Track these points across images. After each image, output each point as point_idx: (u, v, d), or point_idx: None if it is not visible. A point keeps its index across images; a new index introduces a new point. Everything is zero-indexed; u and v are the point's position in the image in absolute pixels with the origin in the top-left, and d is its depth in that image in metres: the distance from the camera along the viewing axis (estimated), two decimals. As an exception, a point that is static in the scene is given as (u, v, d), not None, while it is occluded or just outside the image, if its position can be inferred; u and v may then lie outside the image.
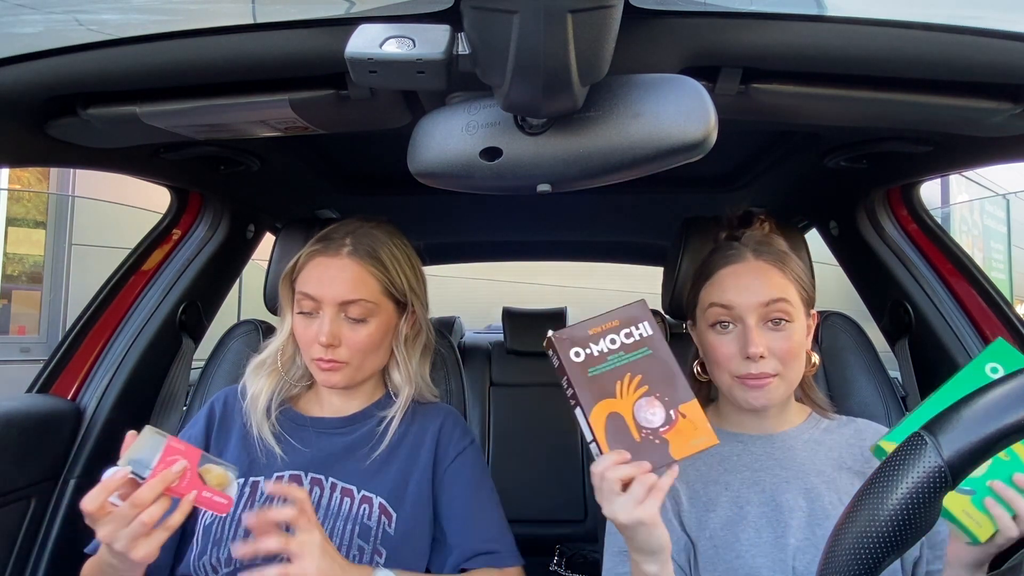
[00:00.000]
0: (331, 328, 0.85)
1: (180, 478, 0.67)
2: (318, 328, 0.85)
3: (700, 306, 0.89)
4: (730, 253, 0.88)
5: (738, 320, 0.83)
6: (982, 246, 7.01)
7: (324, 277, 0.86)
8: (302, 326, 0.88)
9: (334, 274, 0.86)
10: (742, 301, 0.83)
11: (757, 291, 0.83)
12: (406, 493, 0.89)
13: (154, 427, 0.71)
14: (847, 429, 0.90)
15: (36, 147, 0.85)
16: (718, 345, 0.85)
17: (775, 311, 0.82)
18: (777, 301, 0.82)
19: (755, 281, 0.83)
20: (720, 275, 0.87)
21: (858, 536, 0.45)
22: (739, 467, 0.86)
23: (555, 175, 0.61)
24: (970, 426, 0.44)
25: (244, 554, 0.70)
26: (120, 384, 1.25)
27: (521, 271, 6.03)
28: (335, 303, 0.86)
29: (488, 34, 0.49)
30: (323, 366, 0.86)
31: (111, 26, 0.64)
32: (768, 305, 0.82)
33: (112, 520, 0.65)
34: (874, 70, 0.67)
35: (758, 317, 0.82)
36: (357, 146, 1.29)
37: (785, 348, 0.82)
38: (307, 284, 0.87)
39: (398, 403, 0.93)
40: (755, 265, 0.85)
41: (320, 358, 0.86)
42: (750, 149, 1.31)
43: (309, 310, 0.87)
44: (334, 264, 0.87)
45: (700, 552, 0.81)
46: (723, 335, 0.84)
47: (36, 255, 4.72)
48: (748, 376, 0.82)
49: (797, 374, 0.85)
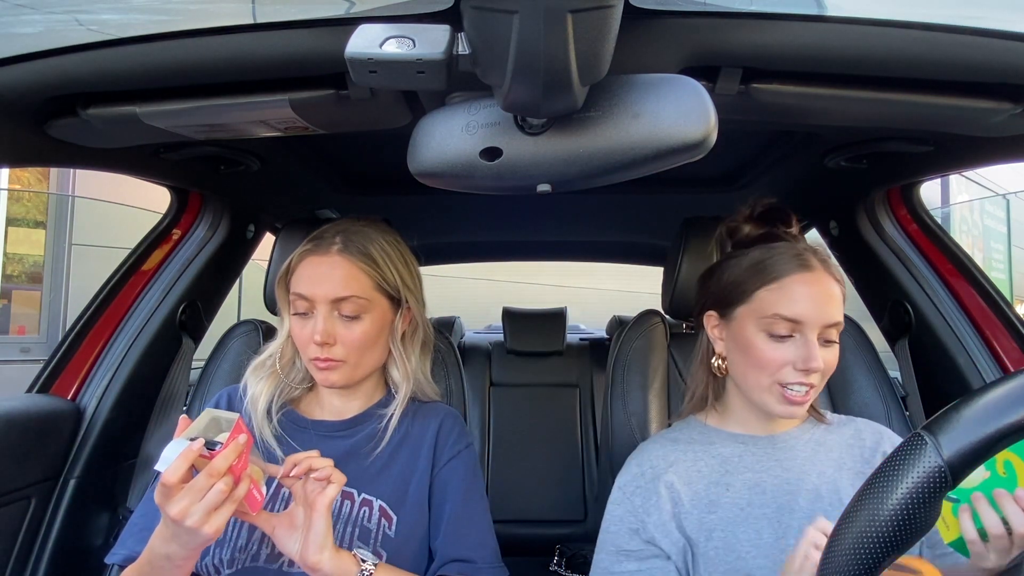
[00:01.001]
0: (325, 326, 0.85)
1: (240, 456, 0.68)
2: (312, 327, 0.86)
3: (754, 306, 0.83)
4: (802, 258, 0.82)
5: (799, 332, 0.80)
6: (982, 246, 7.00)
7: (315, 276, 0.87)
8: (298, 327, 0.88)
9: (324, 272, 0.87)
10: (811, 316, 0.79)
11: (827, 309, 0.79)
12: (407, 496, 0.89)
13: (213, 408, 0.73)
14: (847, 429, 0.90)
15: (36, 147, 0.85)
16: (769, 350, 0.81)
17: (833, 332, 0.80)
18: (837, 324, 0.80)
19: (825, 295, 0.80)
20: (789, 282, 0.81)
21: (858, 536, 0.45)
22: (740, 468, 0.86)
23: (555, 175, 0.61)
24: (970, 426, 0.44)
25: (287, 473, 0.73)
26: (120, 384, 1.25)
27: (521, 271, 6.04)
28: (327, 301, 0.86)
29: (488, 34, 0.49)
30: (320, 365, 0.87)
31: (111, 26, 0.64)
32: (831, 327, 0.80)
33: (187, 494, 0.65)
34: (874, 70, 0.67)
35: (816, 334, 0.80)
36: (357, 146, 1.29)
37: (832, 363, 0.81)
38: (299, 284, 0.88)
39: (397, 399, 0.94)
40: (824, 278, 0.81)
41: (317, 357, 0.86)
42: (750, 149, 1.31)
43: (304, 310, 0.88)
44: (324, 262, 0.87)
45: (700, 553, 0.81)
46: (780, 343, 0.81)
47: (36, 255, 4.72)
48: (793, 385, 0.80)
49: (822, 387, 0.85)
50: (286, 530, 0.75)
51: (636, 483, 0.87)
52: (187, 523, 0.65)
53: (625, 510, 0.86)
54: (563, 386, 2.25)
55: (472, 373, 2.19)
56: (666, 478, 0.86)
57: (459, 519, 0.89)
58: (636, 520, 0.85)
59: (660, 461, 0.88)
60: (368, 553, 0.78)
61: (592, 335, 2.56)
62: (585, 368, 2.26)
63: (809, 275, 0.81)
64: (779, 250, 0.84)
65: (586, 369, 2.26)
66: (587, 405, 2.21)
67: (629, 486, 0.87)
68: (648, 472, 0.87)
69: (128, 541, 0.83)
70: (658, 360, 1.13)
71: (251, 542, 0.83)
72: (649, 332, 1.15)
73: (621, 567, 0.83)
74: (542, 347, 2.26)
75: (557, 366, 2.27)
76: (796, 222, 0.92)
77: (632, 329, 1.16)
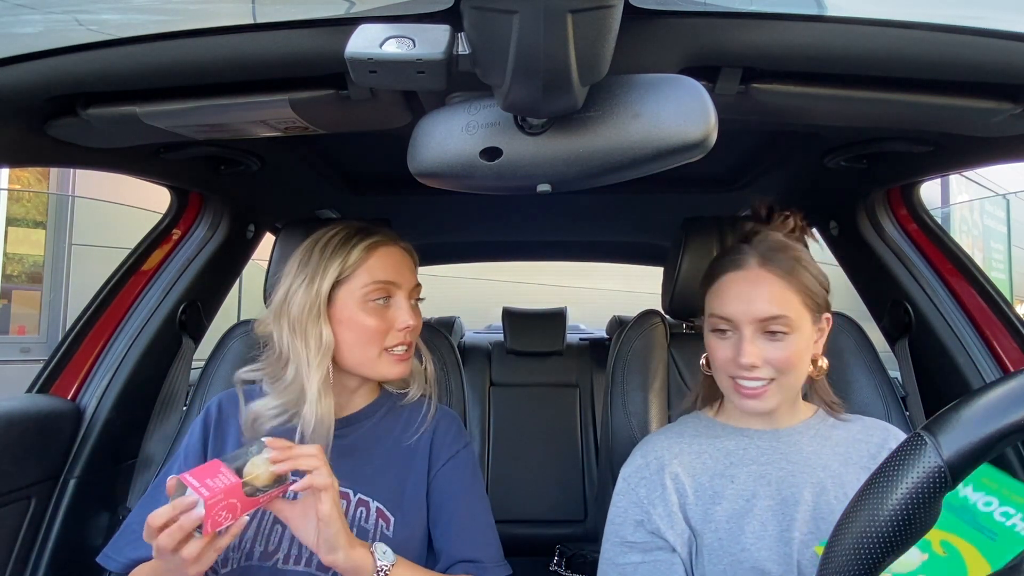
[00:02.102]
0: (411, 309, 0.92)
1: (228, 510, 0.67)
2: (398, 313, 0.90)
3: (706, 308, 0.89)
4: (736, 258, 0.86)
5: (735, 329, 0.83)
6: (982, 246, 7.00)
7: (399, 264, 0.92)
8: (377, 317, 0.89)
9: (404, 259, 0.93)
10: (739, 313, 0.82)
11: (756, 304, 0.81)
12: (403, 497, 0.88)
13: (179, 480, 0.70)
14: (855, 426, 0.90)
15: (36, 147, 0.85)
16: (716, 348, 0.86)
17: (772, 325, 0.81)
18: (775, 318, 0.81)
19: (755, 293, 0.82)
20: (722, 282, 0.86)
21: (858, 536, 0.45)
22: (745, 461, 0.86)
23: (555, 175, 0.61)
24: (970, 426, 0.44)
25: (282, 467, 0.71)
26: (120, 384, 1.25)
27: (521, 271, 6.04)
28: (409, 287, 0.92)
29: (488, 34, 0.49)
30: (400, 355, 0.90)
31: (111, 26, 0.64)
32: (764, 321, 0.81)
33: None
34: (874, 70, 0.67)
35: (754, 329, 0.82)
36: (357, 146, 1.29)
37: (782, 358, 0.82)
38: (381, 272, 0.89)
39: (397, 397, 0.95)
40: (757, 275, 0.83)
41: (399, 343, 0.89)
42: (750, 149, 1.31)
43: (386, 294, 0.91)
44: (397, 250, 0.92)
45: (705, 544, 0.81)
46: (722, 339, 0.85)
47: (36, 255, 4.72)
48: (742, 380, 0.83)
49: (797, 380, 0.85)
50: (300, 520, 0.74)
51: (641, 474, 0.88)
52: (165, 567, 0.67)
53: (630, 501, 0.87)
54: (563, 386, 2.25)
55: (472, 373, 2.19)
56: (671, 469, 0.86)
57: (463, 520, 0.89)
58: (641, 511, 0.85)
59: (665, 452, 0.88)
60: (387, 548, 0.77)
61: (592, 335, 2.56)
62: (585, 368, 2.27)
63: (740, 273, 0.84)
64: (728, 252, 0.89)
65: (586, 369, 2.26)
66: (587, 405, 2.21)
67: (634, 477, 0.88)
68: (653, 463, 0.88)
69: (125, 548, 0.82)
70: (658, 360, 1.13)
71: (244, 541, 0.83)
72: (649, 332, 1.15)
73: (626, 558, 0.84)
74: (542, 347, 2.26)
75: (557, 366, 2.27)
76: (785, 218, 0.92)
77: (632, 329, 1.16)
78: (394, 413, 0.95)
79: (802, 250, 0.88)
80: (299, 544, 0.83)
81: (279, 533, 0.84)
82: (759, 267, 0.83)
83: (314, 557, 0.82)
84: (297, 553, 0.82)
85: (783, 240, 0.87)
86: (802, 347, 0.83)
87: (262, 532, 0.83)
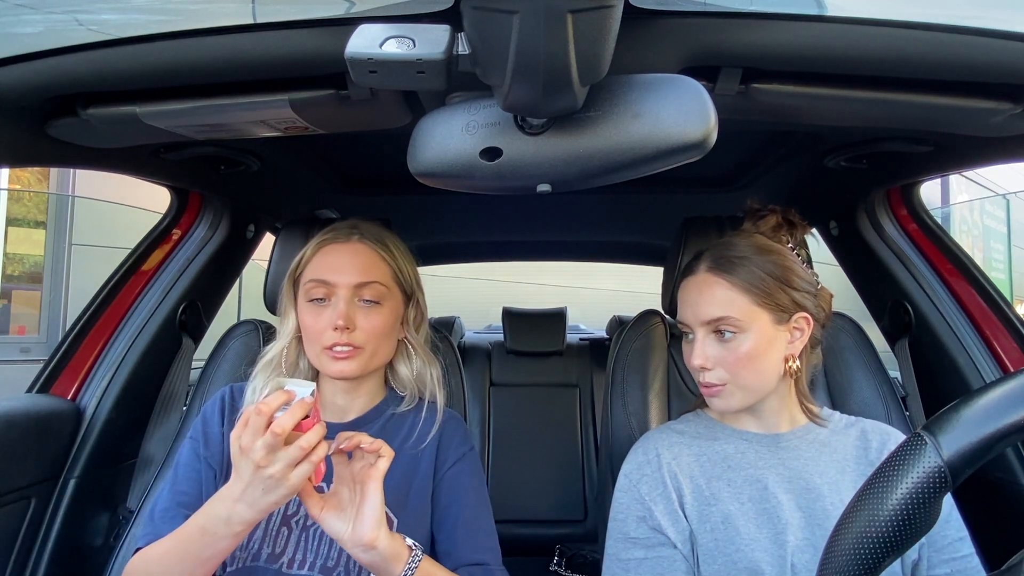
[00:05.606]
0: (347, 309, 0.86)
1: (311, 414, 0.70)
2: (332, 313, 0.86)
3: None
4: (691, 264, 0.90)
5: (692, 332, 0.87)
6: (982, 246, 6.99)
7: (337, 262, 0.88)
8: (312, 316, 0.88)
9: (347, 258, 0.89)
10: (690, 317, 0.87)
11: (701, 308, 0.85)
12: (408, 499, 0.88)
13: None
14: (853, 431, 0.90)
15: (36, 147, 0.85)
16: (685, 351, 0.90)
17: (719, 326, 0.83)
18: (720, 320, 0.83)
19: (700, 297, 0.85)
20: (680, 289, 0.91)
21: (858, 536, 0.45)
22: (742, 464, 0.87)
23: (555, 175, 0.61)
24: (970, 426, 0.44)
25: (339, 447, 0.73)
26: (120, 384, 1.25)
27: (521, 271, 6.03)
28: (349, 286, 0.87)
29: (488, 34, 0.49)
30: (337, 354, 0.86)
31: (111, 26, 0.64)
32: (710, 322, 0.84)
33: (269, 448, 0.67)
34: (874, 70, 0.67)
35: (706, 331, 0.85)
36: (357, 146, 1.29)
37: (730, 359, 0.83)
38: (319, 271, 0.89)
39: (404, 400, 0.95)
40: (703, 279, 0.86)
41: (335, 343, 0.86)
42: (750, 149, 1.31)
43: (322, 295, 0.88)
44: (347, 249, 0.90)
45: (701, 545, 0.82)
46: (686, 343, 0.90)
47: (36, 255, 4.72)
48: (702, 383, 0.87)
49: (758, 380, 0.84)
50: (334, 511, 0.74)
51: (642, 471, 0.88)
52: (269, 471, 0.66)
53: (632, 498, 0.87)
54: (563, 386, 2.25)
55: (472, 373, 2.19)
56: (669, 468, 0.87)
57: (470, 523, 0.89)
58: (643, 508, 0.85)
59: (665, 450, 0.89)
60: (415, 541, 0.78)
61: (592, 335, 2.56)
62: (585, 368, 2.27)
63: (691, 279, 0.88)
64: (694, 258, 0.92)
65: (586, 369, 2.26)
66: (587, 405, 2.21)
67: (635, 473, 0.88)
68: (654, 460, 0.88)
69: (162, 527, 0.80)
70: (658, 360, 1.13)
71: (252, 541, 0.83)
72: (649, 332, 1.15)
73: (629, 554, 0.84)
74: (542, 347, 2.26)
75: (557, 366, 2.27)
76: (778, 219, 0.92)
77: (632, 329, 1.16)
78: (400, 417, 0.95)
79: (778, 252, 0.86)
80: (305, 548, 0.83)
81: (286, 536, 0.84)
82: (707, 272, 0.86)
83: (319, 561, 0.82)
84: (302, 557, 0.82)
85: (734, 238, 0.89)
86: (758, 347, 0.82)
87: (269, 534, 0.83)
